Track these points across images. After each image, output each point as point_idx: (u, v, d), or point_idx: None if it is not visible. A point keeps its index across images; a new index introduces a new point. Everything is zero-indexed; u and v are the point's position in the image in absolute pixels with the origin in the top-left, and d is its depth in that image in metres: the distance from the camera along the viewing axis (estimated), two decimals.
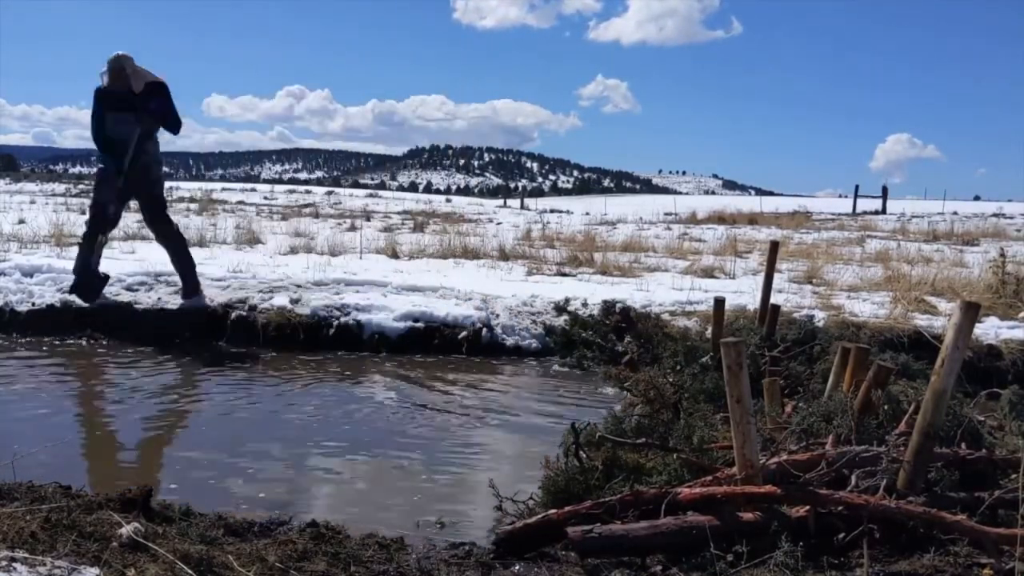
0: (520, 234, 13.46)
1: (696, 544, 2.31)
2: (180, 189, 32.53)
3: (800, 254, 10.69)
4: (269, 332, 5.60)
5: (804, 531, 2.37)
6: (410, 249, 10.09)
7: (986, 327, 5.68)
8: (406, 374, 5.07)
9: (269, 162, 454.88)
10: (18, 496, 2.41)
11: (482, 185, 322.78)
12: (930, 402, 2.48)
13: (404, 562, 2.29)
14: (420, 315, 5.79)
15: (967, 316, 2.42)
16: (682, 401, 3.61)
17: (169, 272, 6.51)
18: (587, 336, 5.78)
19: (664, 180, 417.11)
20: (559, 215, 23.92)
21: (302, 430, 3.89)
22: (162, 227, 6.07)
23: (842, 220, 21.01)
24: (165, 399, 4.32)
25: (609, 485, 2.75)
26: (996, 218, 22.02)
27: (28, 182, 32.81)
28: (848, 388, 3.20)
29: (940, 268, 8.60)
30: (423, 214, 20.84)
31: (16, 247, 8.23)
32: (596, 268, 8.73)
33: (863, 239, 13.90)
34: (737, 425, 2.40)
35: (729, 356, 2.39)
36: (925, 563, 2.25)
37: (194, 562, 1.96)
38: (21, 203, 16.82)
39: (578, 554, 2.36)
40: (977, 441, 3.01)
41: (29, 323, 5.65)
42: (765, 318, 4.86)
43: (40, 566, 1.83)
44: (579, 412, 4.26)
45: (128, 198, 6.01)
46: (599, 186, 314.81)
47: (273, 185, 53.65)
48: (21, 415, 3.92)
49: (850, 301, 6.65)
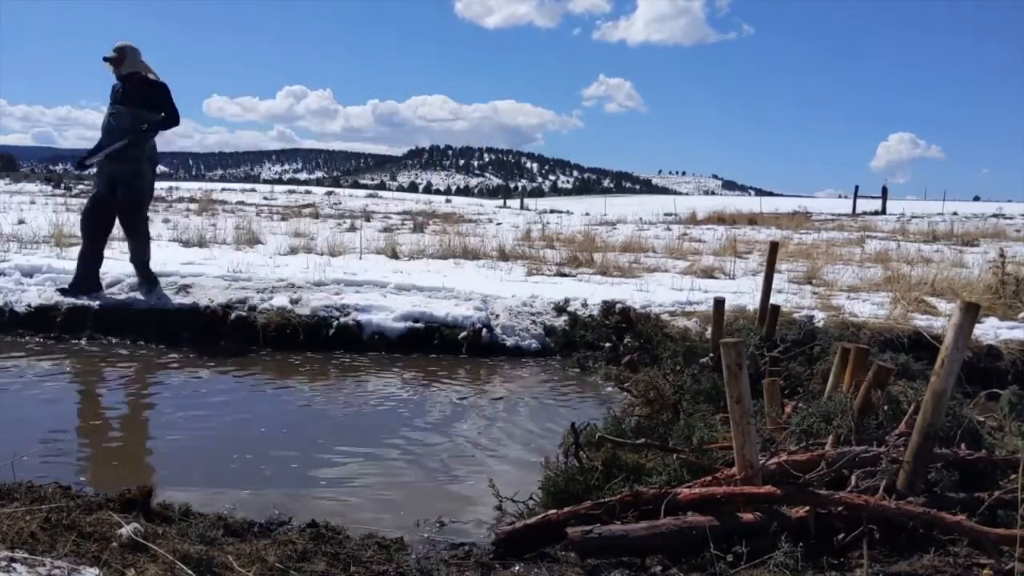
0: (520, 234, 13.46)
1: (696, 544, 2.31)
2: (180, 189, 32.57)
3: (800, 254, 10.69)
4: (269, 332, 5.60)
5: (804, 531, 2.37)
6: (410, 249, 10.08)
7: (986, 328, 5.68)
8: (406, 374, 5.07)
9: (269, 162, 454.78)
10: (18, 496, 2.41)
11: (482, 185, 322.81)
12: (930, 402, 2.48)
13: (404, 562, 2.29)
14: (420, 315, 5.79)
15: (967, 316, 2.42)
16: (682, 401, 3.61)
17: (169, 272, 6.52)
18: (587, 336, 5.78)
19: (664, 180, 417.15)
20: (559, 215, 23.93)
21: (302, 430, 3.89)
22: (139, 225, 6.03)
23: (842, 220, 21.01)
24: (165, 399, 4.32)
25: (609, 485, 2.74)
26: (996, 218, 22.03)
27: (28, 182, 32.80)
28: (848, 388, 3.20)
29: (940, 269, 8.60)
30: (423, 214, 20.85)
31: (16, 247, 8.22)
32: (596, 268, 8.73)
33: (863, 239, 13.90)
34: (737, 425, 2.40)
35: (729, 356, 2.39)
36: (925, 563, 2.25)
37: (194, 562, 1.95)
38: (21, 203, 16.81)
39: (578, 554, 2.36)
40: (977, 441, 3.02)
41: (29, 323, 5.65)
42: (765, 318, 4.86)
43: (40, 566, 1.83)
44: (579, 412, 4.27)
45: (114, 187, 5.92)
46: (599, 186, 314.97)
47: (273, 185, 53.69)
48: (21, 415, 3.92)
49: (850, 301, 6.65)
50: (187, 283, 6.26)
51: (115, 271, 6.33)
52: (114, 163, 5.83)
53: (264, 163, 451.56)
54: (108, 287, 6.09)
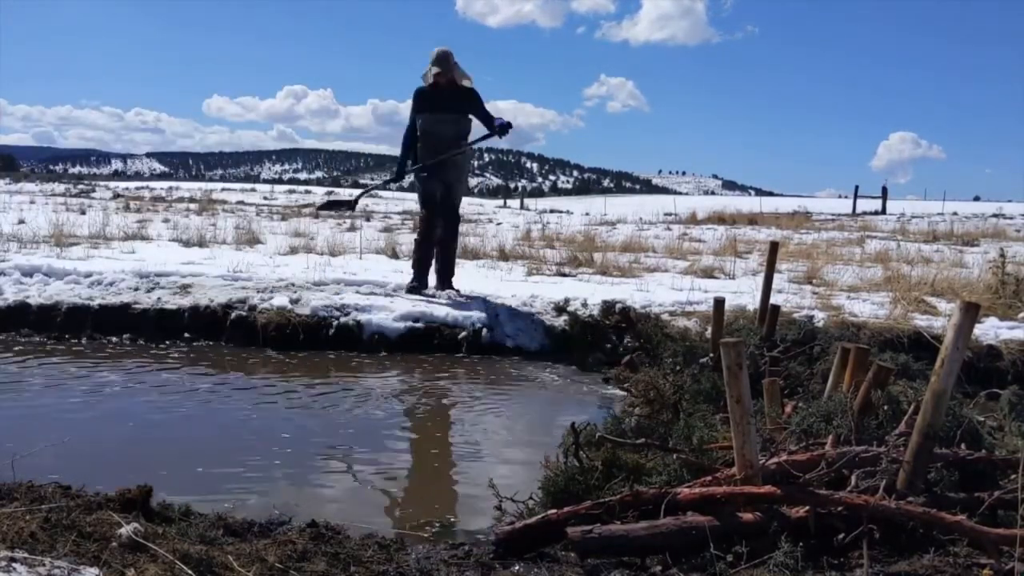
0: (520, 234, 13.45)
1: (696, 544, 2.31)
2: (180, 189, 32.56)
3: (800, 254, 10.69)
4: (269, 332, 5.60)
5: (804, 531, 2.37)
6: (410, 249, 10.07)
7: (986, 327, 5.68)
8: (406, 374, 5.07)
9: (269, 162, 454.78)
10: (18, 496, 2.41)
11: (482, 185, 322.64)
12: (930, 402, 2.48)
13: (404, 562, 2.29)
14: (420, 315, 5.79)
15: (967, 316, 2.42)
16: (682, 401, 3.61)
17: (169, 272, 6.52)
18: (587, 336, 5.78)
19: (664, 180, 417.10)
20: (559, 215, 23.92)
21: (302, 430, 3.88)
22: (449, 228, 6.46)
23: (842, 220, 21.01)
24: (164, 399, 4.32)
25: (609, 485, 2.74)
26: (996, 218, 22.03)
27: (28, 182, 32.80)
28: (848, 388, 3.20)
29: (940, 268, 8.60)
30: None
31: (16, 247, 8.22)
32: (596, 268, 8.73)
33: (863, 239, 13.90)
34: (737, 425, 2.40)
35: (729, 356, 2.39)
36: (925, 563, 2.24)
37: (194, 562, 1.95)
38: (21, 203, 16.82)
39: (578, 554, 2.36)
40: (977, 441, 3.02)
41: (28, 322, 5.65)
42: (765, 318, 4.86)
43: (39, 566, 1.83)
44: (579, 412, 4.26)
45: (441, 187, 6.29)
46: (599, 186, 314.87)
47: (273, 185, 53.67)
48: (20, 415, 3.92)
49: (850, 301, 6.65)
50: (187, 283, 6.26)
51: (116, 271, 6.32)
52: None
53: (264, 163, 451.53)
54: (108, 287, 6.09)
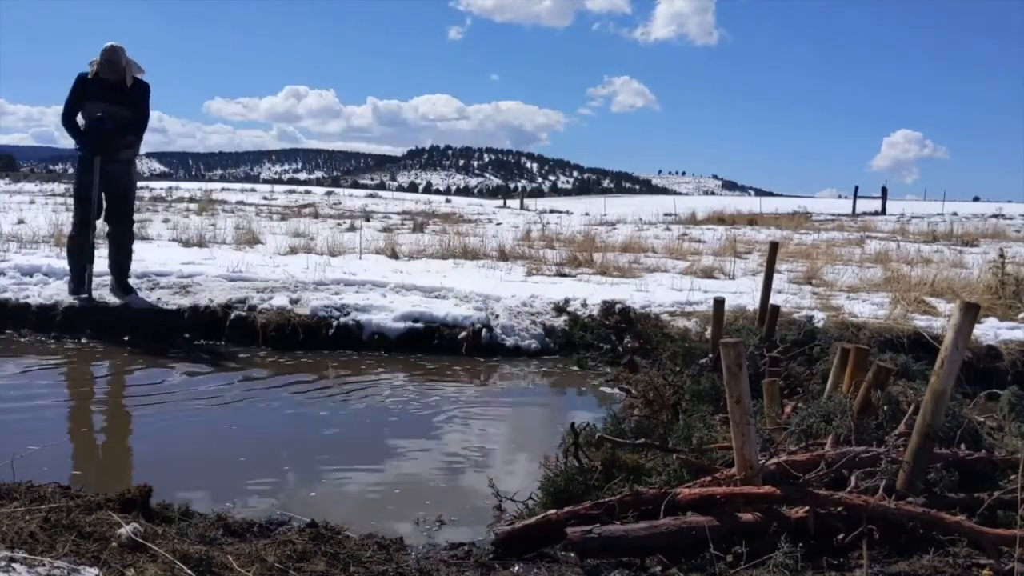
0: (520, 234, 13.45)
1: (695, 545, 2.31)
2: (180, 189, 32.53)
3: (800, 255, 10.69)
4: (268, 332, 5.60)
5: (803, 532, 2.37)
6: (410, 249, 10.08)
7: (985, 328, 5.68)
8: (405, 374, 5.06)
9: (269, 162, 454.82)
10: (17, 496, 2.41)
11: (482, 185, 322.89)
12: (929, 403, 2.48)
13: (404, 562, 2.29)
14: (420, 315, 5.78)
15: (966, 317, 2.42)
16: (681, 402, 3.61)
17: (168, 272, 6.52)
18: (587, 337, 5.78)
19: (664, 180, 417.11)
20: (559, 215, 23.92)
21: (301, 430, 3.88)
22: (123, 228, 6.00)
23: (842, 221, 21.02)
24: (164, 399, 4.31)
25: (609, 485, 2.74)
26: (995, 219, 22.04)
27: (28, 182, 32.78)
28: (848, 389, 3.20)
29: (939, 269, 8.60)
30: (423, 214, 20.84)
31: (16, 247, 8.22)
32: (596, 268, 8.73)
33: (863, 240, 13.90)
34: (736, 426, 2.40)
35: (728, 357, 2.39)
36: (924, 564, 2.25)
37: (193, 562, 1.95)
38: (21, 203, 16.81)
39: (577, 554, 2.36)
40: (976, 442, 3.02)
41: (28, 322, 5.65)
42: (765, 319, 4.86)
43: (39, 566, 1.83)
44: (579, 412, 4.26)
45: (103, 188, 5.86)
46: (599, 186, 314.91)
47: (273, 185, 53.68)
48: (20, 415, 3.91)
49: (850, 302, 6.65)
50: (187, 283, 6.26)
51: None
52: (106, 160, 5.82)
53: (264, 163, 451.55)
54: (106, 287, 6.09)
